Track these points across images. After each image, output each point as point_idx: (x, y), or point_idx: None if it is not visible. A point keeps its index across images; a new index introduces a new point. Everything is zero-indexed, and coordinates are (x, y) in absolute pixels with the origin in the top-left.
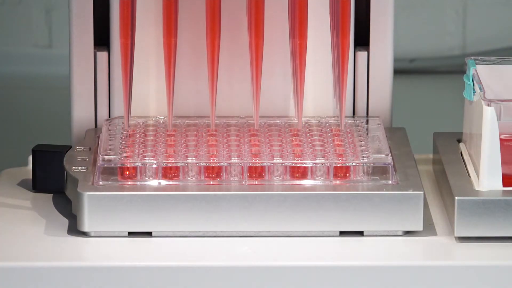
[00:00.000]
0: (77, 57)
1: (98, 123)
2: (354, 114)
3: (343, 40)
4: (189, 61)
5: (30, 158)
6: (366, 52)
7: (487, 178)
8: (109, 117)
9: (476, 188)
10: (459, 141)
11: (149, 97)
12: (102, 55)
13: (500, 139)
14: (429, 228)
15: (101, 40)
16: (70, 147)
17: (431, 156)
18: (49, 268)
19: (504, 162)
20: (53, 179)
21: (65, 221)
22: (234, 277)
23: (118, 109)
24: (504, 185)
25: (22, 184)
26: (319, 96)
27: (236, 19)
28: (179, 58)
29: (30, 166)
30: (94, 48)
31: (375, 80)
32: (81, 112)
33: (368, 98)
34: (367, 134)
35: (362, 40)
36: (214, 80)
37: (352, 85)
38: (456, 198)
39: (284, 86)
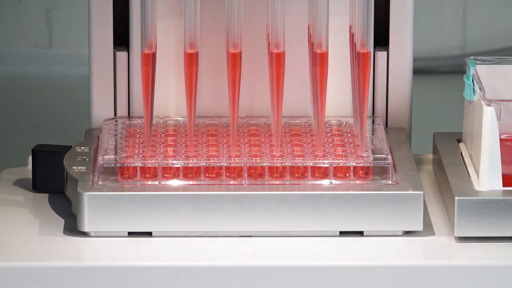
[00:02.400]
0: (96, 57)
1: None
2: (373, 114)
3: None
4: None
5: (30, 158)
6: (385, 52)
7: (487, 178)
8: (129, 116)
9: (476, 188)
10: (459, 141)
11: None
12: (121, 55)
13: (500, 139)
14: (429, 228)
15: (121, 40)
16: (70, 147)
17: (431, 156)
18: (49, 268)
19: (504, 162)
20: (53, 179)
21: (64, 221)
22: (234, 277)
23: (138, 109)
24: (504, 185)
25: (22, 184)
26: None
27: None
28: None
29: (30, 166)
30: (114, 48)
31: (394, 80)
32: (101, 112)
33: (388, 98)
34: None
35: (382, 40)
36: (235, 112)
37: (371, 85)
38: (456, 198)
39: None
